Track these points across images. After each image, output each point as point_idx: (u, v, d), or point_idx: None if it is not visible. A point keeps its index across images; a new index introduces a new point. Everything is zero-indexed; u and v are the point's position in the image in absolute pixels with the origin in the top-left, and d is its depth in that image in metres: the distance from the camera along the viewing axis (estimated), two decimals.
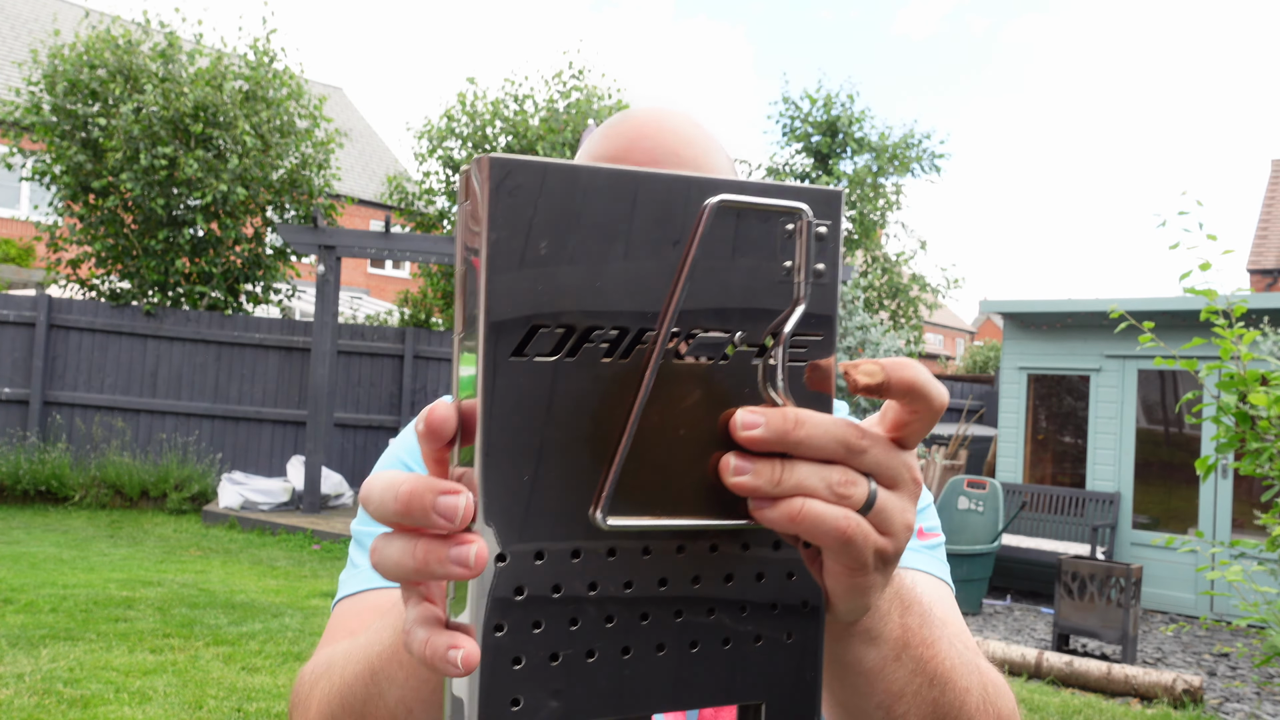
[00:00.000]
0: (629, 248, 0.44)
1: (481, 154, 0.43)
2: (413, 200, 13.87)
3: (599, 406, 0.44)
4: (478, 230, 0.42)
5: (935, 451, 9.47)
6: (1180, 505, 7.94)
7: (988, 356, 24.49)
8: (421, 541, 0.42)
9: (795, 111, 16.28)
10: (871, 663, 0.54)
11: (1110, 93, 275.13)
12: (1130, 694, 5.16)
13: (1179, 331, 7.02)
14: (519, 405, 0.42)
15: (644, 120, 0.89)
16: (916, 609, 0.56)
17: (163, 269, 10.73)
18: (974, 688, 0.61)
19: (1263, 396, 3.63)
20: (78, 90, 10.58)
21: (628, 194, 0.44)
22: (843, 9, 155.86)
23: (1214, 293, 3.81)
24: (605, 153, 0.88)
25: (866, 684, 0.55)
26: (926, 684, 0.57)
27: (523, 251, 0.42)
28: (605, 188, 0.43)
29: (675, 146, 0.87)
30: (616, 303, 0.44)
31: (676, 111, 0.92)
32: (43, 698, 4.03)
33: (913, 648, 0.55)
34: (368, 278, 25.26)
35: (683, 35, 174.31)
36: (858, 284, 8.87)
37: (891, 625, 0.54)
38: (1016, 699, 4.03)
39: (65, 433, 9.94)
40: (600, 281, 0.43)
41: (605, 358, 0.44)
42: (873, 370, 0.46)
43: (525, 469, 0.43)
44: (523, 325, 0.42)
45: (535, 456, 0.43)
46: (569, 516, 0.44)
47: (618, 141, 0.88)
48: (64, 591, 5.86)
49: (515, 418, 0.42)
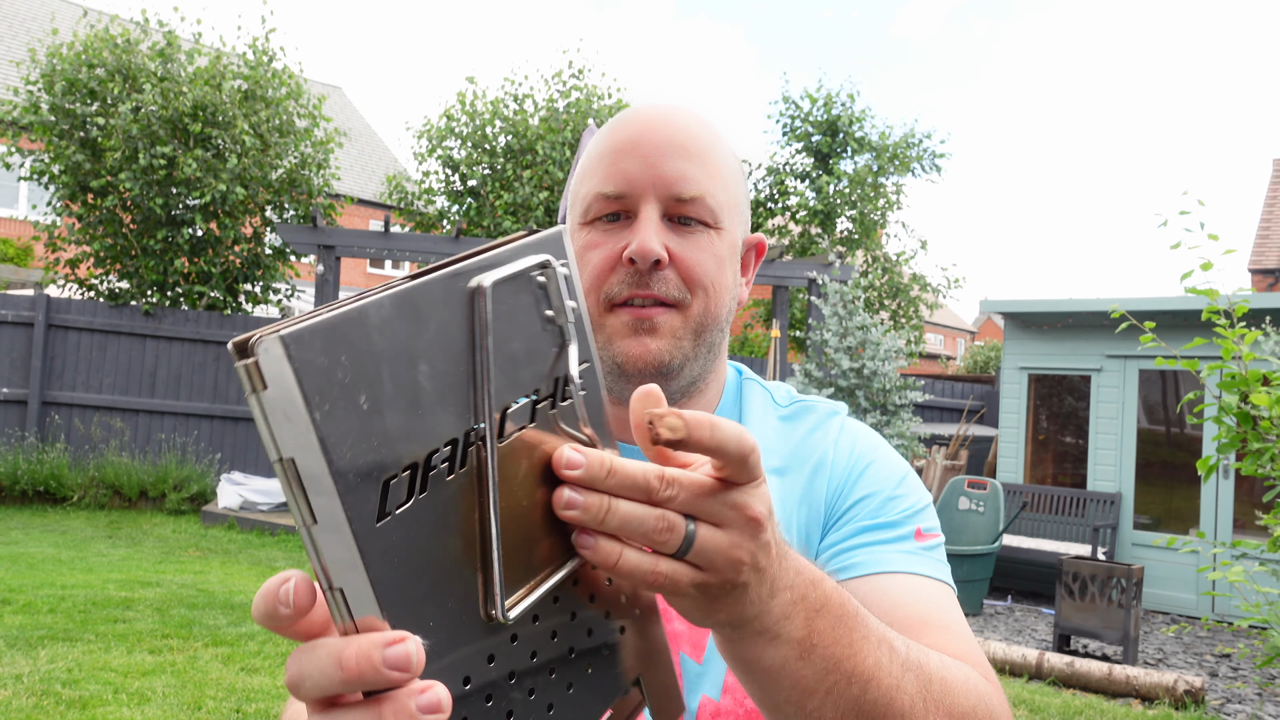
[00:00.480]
0: (430, 361, 0.44)
1: (247, 342, 0.39)
2: (412, 200, 13.85)
3: (459, 520, 0.45)
4: (293, 414, 0.39)
5: (936, 452, 9.46)
6: (1181, 506, 7.93)
7: (988, 356, 24.48)
8: (351, 645, 0.41)
9: (795, 111, 16.27)
10: (772, 661, 0.58)
11: (1111, 92, 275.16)
12: (1131, 695, 5.14)
13: (1180, 331, 7.01)
14: (398, 562, 0.42)
15: (650, 115, 0.89)
16: (831, 611, 0.59)
17: (161, 269, 10.71)
18: (908, 685, 0.62)
19: (1264, 397, 3.62)
20: (76, 89, 10.55)
21: (407, 313, 0.43)
22: (844, 9, 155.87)
23: (1215, 292, 3.80)
24: (612, 146, 0.88)
25: (771, 680, 0.59)
26: (844, 681, 0.59)
27: (347, 416, 0.40)
28: (388, 318, 0.42)
29: (681, 141, 0.87)
30: (443, 421, 0.44)
31: (682, 107, 0.92)
32: (41, 698, 4.01)
33: (823, 648, 0.58)
34: (367, 277, 25.25)
35: (684, 35, 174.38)
36: (858, 284, 8.85)
37: (793, 627, 0.57)
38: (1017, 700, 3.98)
39: (64, 433, 9.92)
40: (421, 407, 0.43)
41: (449, 475, 0.45)
42: (675, 425, 0.49)
43: (426, 612, 0.43)
44: (376, 487, 0.41)
45: (428, 593, 0.44)
46: (471, 625, 0.46)
47: (625, 133, 0.88)
48: (62, 592, 5.85)
49: (399, 574, 0.42)
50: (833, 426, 0.96)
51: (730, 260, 0.90)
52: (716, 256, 0.88)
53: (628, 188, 0.86)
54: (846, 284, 8.76)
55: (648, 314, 0.85)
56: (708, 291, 0.87)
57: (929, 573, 0.84)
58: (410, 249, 9.65)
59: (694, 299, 0.87)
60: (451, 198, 13.50)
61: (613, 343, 0.86)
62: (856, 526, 0.88)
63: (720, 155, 0.90)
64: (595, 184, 0.88)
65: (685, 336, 0.87)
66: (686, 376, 0.89)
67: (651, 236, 0.84)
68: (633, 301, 0.86)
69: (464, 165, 13.05)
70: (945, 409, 11.49)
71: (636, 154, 0.86)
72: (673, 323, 0.86)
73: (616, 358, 0.86)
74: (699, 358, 0.89)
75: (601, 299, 0.87)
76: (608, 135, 0.90)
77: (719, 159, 0.89)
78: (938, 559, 0.87)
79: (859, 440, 0.96)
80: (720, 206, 0.88)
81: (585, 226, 0.89)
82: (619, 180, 0.86)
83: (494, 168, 13.03)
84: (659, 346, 0.86)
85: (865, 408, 8.20)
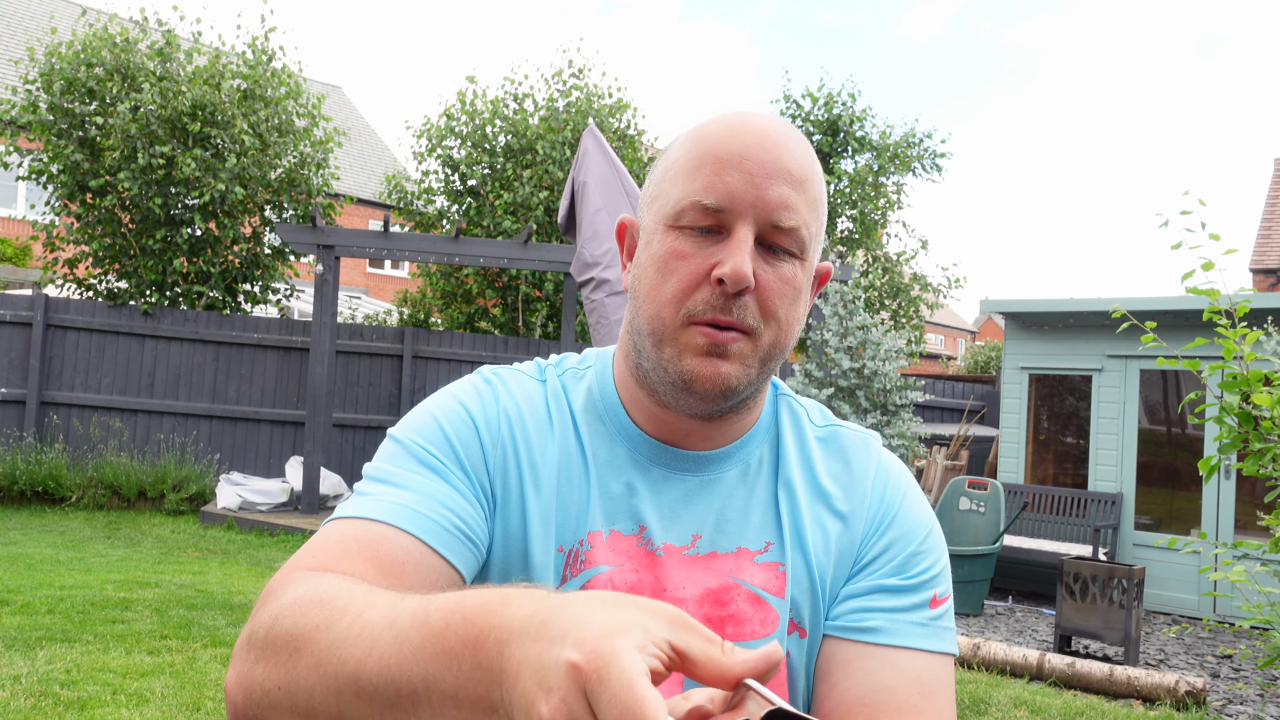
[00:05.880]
0: None
1: None
2: (412, 200, 13.83)
3: None
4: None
5: (936, 452, 9.44)
6: (1183, 506, 7.92)
7: (989, 356, 24.47)
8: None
9: (796, 110, 16.26)
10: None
11: (1113, 92, 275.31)
12: (1133, 696, 5.13)
13: (1181, 331, 7.00)
14: None
15: (761, 130, 0.87)
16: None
17: (160, 268, 10.70)
18: None
19: (1266, 397, 3.61)
20: (75, 89, 10.53)
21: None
22: (847, 11, 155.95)
23: (1217, 292, 3.79)
24: (717, 153, 0.86)
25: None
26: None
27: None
28: None
29: (789, 166, 0.85)
30: None
31: (790, 126, 0.90)
32: (39, 699, 4.00)
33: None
34: (366, 277, 25.23)
35: (689, 37, 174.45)
36: (858, 284, 8.83)
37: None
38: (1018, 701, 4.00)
39: (62, 433, 9.91)
40: None
41: None
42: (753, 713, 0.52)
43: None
44: None
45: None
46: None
47: (734, 145, 0.85)
48: (61, 593, 5.83)
49: None
50: (870, 465, 0.98)
51: (806, 291, 0.90)
52: (796, 288, 0.87)
53: (729, 204, 0.84)
54: (847, 284, 8.74)
55: (725, 339, 0.85)
56: (780, 323, 0.87)
57: (935, 647, 0.89)
58: (410, 249, 9.64)
59: (767, 329, 0.86)
60: (451, 197, 13.48)
61: (683, 357, 0.86)
62: (876, 584, 0.92)
63: (818, 185, 0.89)
64: (694, 190, 0.85)
65: (753, 364, 0.87)
66: (743, 396, 0.89)
67: (746, 261, 0.82)
68: (712, 324, 0.85)
69: (464, 165, 13.03)
70: (946, 409, 11.48)
71: (743, 170, 0.84)
72: (744, 349, 0.86)
73: (685, 374, 0.86)
74: (760, 381, 0.89)
75: (681, 313, 0.85)
76: (711, 140, 0.87)
77: (817, 188, 0.88)
78: (945, 626, 0.91)
79: (890, 482, 0.98)
80: (811, 239, 0.87)
81: (673, 230, 0.87)
82: (721, 194, 0.84)
83: (494, 167, 13.01)
84: (729, 371, 0.85)
85: (866, 408, 8.18)
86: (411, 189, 13.97)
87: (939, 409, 11.47)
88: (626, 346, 0.94)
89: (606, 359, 1.00)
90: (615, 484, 0.92)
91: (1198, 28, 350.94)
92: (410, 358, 11.02)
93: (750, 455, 0.96)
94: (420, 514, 0.82)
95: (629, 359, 0.94)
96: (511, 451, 0.91)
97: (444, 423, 0.91)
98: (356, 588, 0.68)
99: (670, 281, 0.86)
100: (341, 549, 0.78)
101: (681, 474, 0.93)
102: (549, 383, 0.98)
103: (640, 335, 0.90)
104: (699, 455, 0.94)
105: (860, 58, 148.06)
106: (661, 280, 0.86)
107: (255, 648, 0.68)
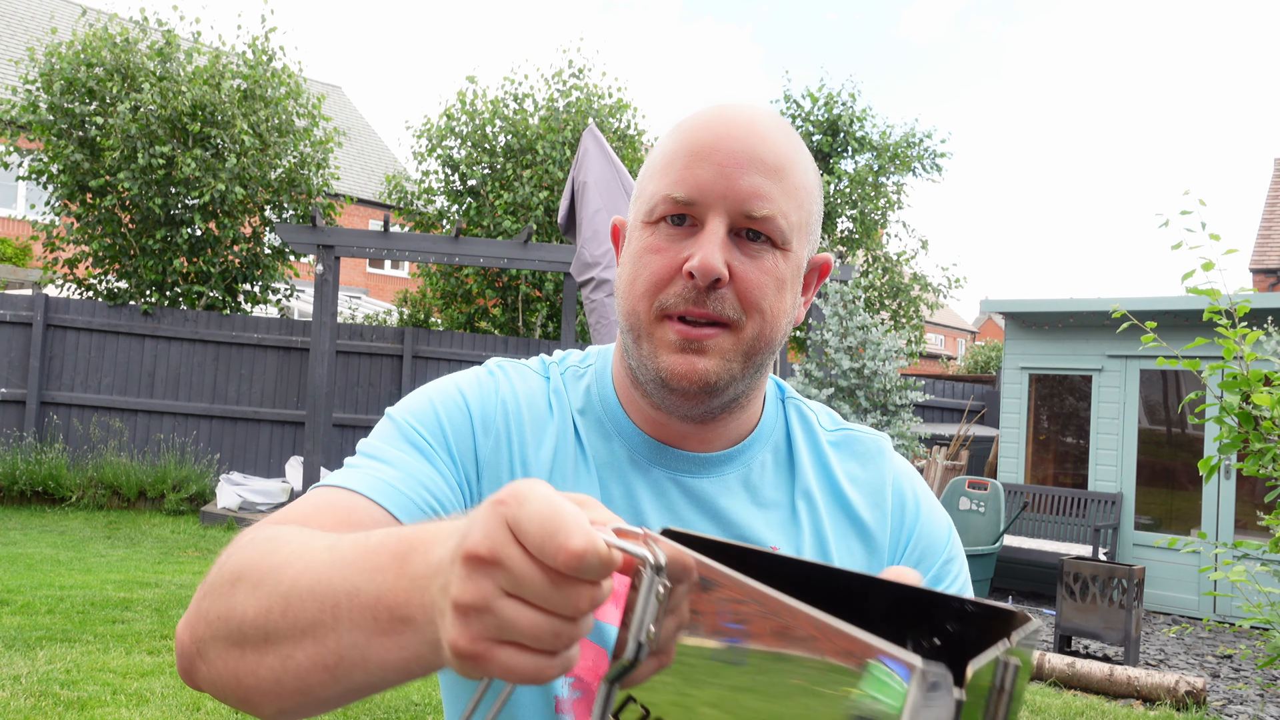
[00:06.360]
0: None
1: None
2: (412, 200, 13.82)
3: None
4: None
5: (937, 452, 9.44)
6: (1183, 506, 7.92)
7: (989, 356, 24.46)
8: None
9: (796, 110, 16.25)
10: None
11: (1113, 93, 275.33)
12: (1133, 696, 5.13)
13: (1181, 331, 6.99)
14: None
15: (732, 120, 0.86)
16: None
17: (160, 268, 10.69)
18: None
19: (1266, 397, 3.60)
20: (75, 89, 10.53)
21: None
22: (848, 11, 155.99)
23: (1217, 292, 3.78)
24: (688, 146, 0.85)
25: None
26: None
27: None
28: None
29: (761, 154, 0.84)
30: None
31: (766, 112, 0.89)
32: (39, 700, 4.00)
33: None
34: (366, 277, 25.23)
35: (691, 36, 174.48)
36: (858, 284, 8.83)
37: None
38: None
39: (62, 433, 9.90)
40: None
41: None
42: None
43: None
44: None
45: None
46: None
47: (703, 136, 0.85)
48: (61, 593, 5.83)
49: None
50: (886, 472, 0.98)
51: (792, 283, 0.88)
52: (778, 279, 0.85)
53: (698, 195, 0.83)
54: (847, 284, 8.74)
55: (699, 334, 0.84)
56: (764, 315, 0.85)
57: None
58: (410, 249, 9.63)
59: (749, 321, 0.85)
60: (451, 197, 13.47)
61: (659, 354, 0.85)
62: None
63: (798, 172, 0.87)
64: (665, 185, 0.85)
65: (735, 359, 0.85)
66: (729, 394, 0.88)
67: (715, 253, 0.81)
68: (685, 318, 0.84)
69: (464, 165, 13.02)
70: (946, 409, 11.48)
71: (712, 161, 0.83)
72: (724, 344, 0.85)
73: (662, 371, 0.85)
74: (746, 377, 0.88)
75: (654, 307, 0.85)
76: (685, 133, 0.87)
77: (797, 176, 0.86)
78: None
79: (906, 492, 0.98)
80: (791, 228, 0.85)
81: (649, 226, 0.86)
82: (690, 186, 0.83)
83: (494, 167, 13.01)
84: (706, 366, 0.84)
85: (866, 408, 8.18)
86: (411, 189, 13.96)
87: (939, 409, 11.47)
88: (620, 346, 0.95)
89: (607, 357, 1.00)
90: (615, 485, 0.92)
91: (1198, 27, 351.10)
92: (410, 358, 11.02)
93: (754, 459, 0.96)
94: (397, 490, 0.82)
95: (623, 359, 0.94)
96: (504, 442, 0.91)
97: (439, 407, 0.91)
98: (311, 532, 0.68)
99: (643, 276, 0.85)
100: (314, 510, 0.78)
101: (682, 476, 0.93)
102: (552, 379, 0.98)
103: (623, 332, 0.90)
104: (700, 457, 0.93)
105: (860, 58, 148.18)
106: (635, 275, 0.86)
107: (204, 587, 0.68)
